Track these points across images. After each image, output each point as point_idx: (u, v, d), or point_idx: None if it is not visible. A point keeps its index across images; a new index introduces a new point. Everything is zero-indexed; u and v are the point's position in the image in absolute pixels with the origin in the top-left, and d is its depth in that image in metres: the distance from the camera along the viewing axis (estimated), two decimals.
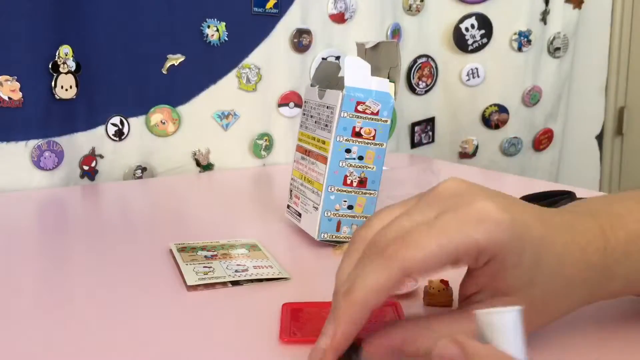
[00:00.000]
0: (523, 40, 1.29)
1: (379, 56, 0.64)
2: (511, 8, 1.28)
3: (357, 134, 0.58)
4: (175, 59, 0.99)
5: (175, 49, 0.99)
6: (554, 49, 1.34)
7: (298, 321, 0.43)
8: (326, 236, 0.60)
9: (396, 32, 1.20)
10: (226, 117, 1.05)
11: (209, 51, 1.01)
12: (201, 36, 1.00)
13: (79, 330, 0.43)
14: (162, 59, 0.98)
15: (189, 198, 0.88)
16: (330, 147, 0.58)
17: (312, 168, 0.61)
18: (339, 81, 0.63)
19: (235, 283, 0.50)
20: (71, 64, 0.89)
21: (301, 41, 1.08)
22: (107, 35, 0.93)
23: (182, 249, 0.58)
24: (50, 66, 0.87)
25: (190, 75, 1.00)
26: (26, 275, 0.55)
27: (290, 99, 1.10)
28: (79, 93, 0.91)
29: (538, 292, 0.34)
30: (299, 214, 0.64)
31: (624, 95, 1.49)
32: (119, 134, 0.96)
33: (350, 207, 0.59)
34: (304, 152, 0.64)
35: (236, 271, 0.52)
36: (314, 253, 0.59)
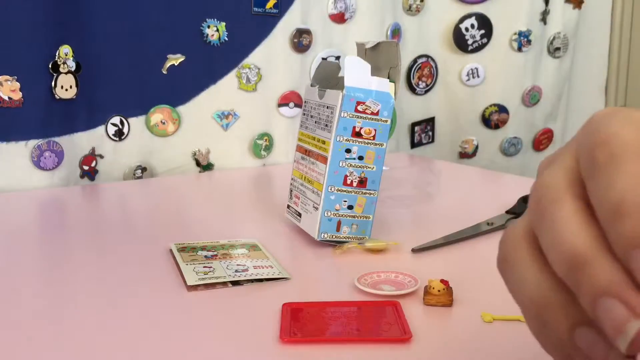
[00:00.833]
0: (523, 40, 1.29)
1: (379, 56, 0.64)
2: (511, 8, 1.28)
3: (357, 134, 0.58)
4: (175, 59, 0.99)
5: (175, 49, 0.99)
6: (554, 49, 1.34)
7: (298, 321, 0.43)
8: (326, 236, 0.60)
9: (396, 32, 1.20)
10: (226, 117, 1.05)
11: (209, 51, 1.01)
12: (201, 36, 1.00)
13: (79, 330, 0.43)
14: (162, 59, 0.98)
15: (189, 198, 0.88)
16: (330, 147, 0.58)
17: (312, 168, 0.61)
18: (339, 81, 0.63)
19: (235, 283, 0.50)
20: (71, 64, 0.89)
21: (301, 41, 1.08)
22: (107, 35, 0.93)
23: (182, 249, 0.58)
24: (50, 66, 0.87)
25: (190, 75, 1.00)
26: (26, 275, 0.55)
27: (290, 99, 1.10)
28: (79, 93, 0.91)
29: None
30: (299, 214, 0.64)
31: (624, 95, 1.49)
32: (119, 134, 0.96)
33: (350, 207, 0.59)
34: (304, 152, 0.64)
35: (236, 271, 0.52)
36: (314, 253, 0.59)
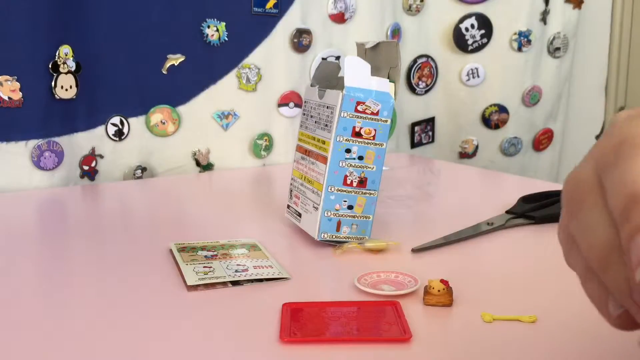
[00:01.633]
0: (523, 40, 1.29)
1: (379, 56, 0.64)
2: (511, 8, 1.28)
3: (357, 134, 0.58)
4: (175, 59, 0.99)
5: (175, 49, 0.99)
6: (554, 49, 1.34)
7: (298, 321, 0.43)
8: (326, 236, 0.60)
9: (396, 32, 1.20)
10: (226, 117, 1.05)
11: (209, 51, 1.01)
12: (201, 36, 1.00)
13: (79, 330, 0.43)
14: (162, 59, 0.98)
15: (189, 198, 0.88)
16: (330, 147, 0.58)
17: (312, 168, 0.61)
18: (339, 81, 0.63)
19: (235, 283, 0.50)
20: (71, 64, 0.89)
21: (301, 41, 1.08)
22: (107, 35, 0.93)
23: (182, 249, 0.58)
24: (50, 66, 0.87)
25: (190, 75, 1.00)
26: (26, 275, 0.55)
27: (290, 99, 1.10)
28: (79, 93, 0.91)
29: None
30: (299, 214, 0.64)
31: (624, 95, 1.49)
32: (119, 134, 0.96)
33: (350, 207, 0.59)
34: (304, 152, 0.64)
35: (236, 271, 0.52)
36: (314, 253, 0.59)
